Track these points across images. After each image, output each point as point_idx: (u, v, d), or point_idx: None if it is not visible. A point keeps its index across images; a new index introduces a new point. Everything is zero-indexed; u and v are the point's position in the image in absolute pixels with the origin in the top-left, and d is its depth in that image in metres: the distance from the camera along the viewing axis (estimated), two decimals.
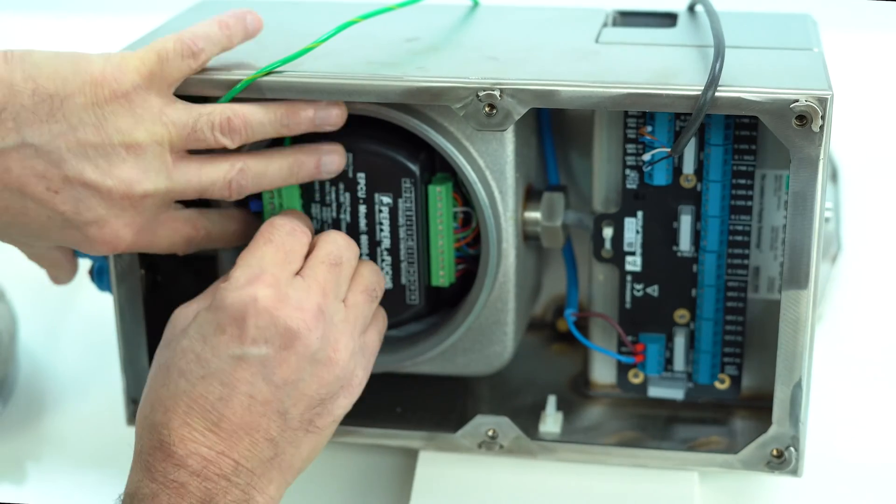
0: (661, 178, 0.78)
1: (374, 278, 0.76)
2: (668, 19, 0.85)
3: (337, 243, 0.74)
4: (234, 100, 0.74)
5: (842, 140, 1.11)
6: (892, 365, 0.93)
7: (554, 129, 0.85)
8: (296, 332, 0.70)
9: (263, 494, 0.69)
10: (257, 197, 0.79)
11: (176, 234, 0.76)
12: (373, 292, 0.76)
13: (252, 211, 0.80)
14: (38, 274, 0.80)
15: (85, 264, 0.85)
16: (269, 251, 0.73)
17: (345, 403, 0.73)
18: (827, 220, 0.78)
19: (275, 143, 0.77)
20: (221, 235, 0.79)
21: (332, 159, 0.76)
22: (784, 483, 0.82)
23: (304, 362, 0.70)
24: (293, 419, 0.70)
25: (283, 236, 0.73)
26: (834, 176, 1.08)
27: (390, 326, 0.81)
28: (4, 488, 0.86)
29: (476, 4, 0.88)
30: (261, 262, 0.72)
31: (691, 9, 0.85)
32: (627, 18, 0.86)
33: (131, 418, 0.83)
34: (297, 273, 0.73)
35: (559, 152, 0.86)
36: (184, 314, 0.73)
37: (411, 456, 0.83)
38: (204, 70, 0.74)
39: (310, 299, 0.71)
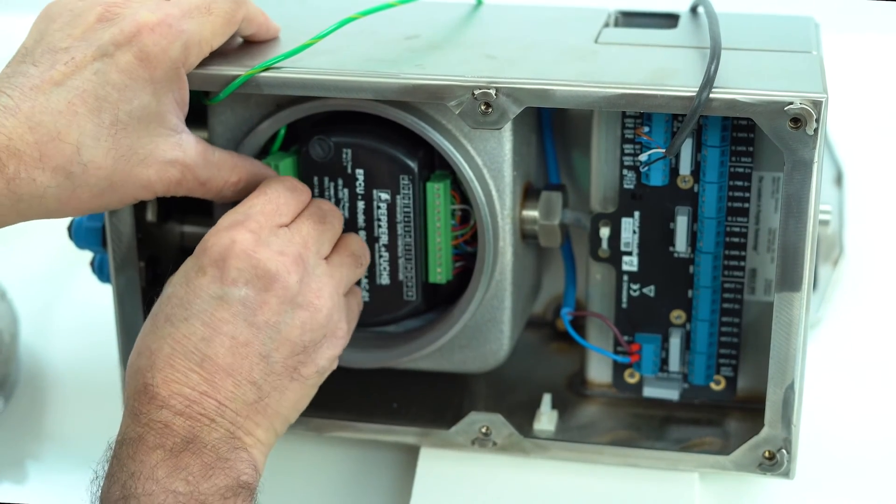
0: (657, 178, 0.78)
1: (360, 247, 0.78)
2: (670, 20, 0.85)
3: (323, 207, 0.77)
4: (233, 95, 0.74)
5: (846, 143, 1.10)
6: (892, 369, 0.93)
7: (555, 128, 0.86)
8: (274, 274, 0.71)
9: (249, 436, 0.70)
10: None
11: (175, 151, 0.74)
12: (358, 259, 0.77)
13: None
14: (38, 274, 0.80)
15: (85, 257, 0.86)
16: (260, 201, 0.74)
17: (329, 354, 0.74)
18: (828, 223, 0.78)
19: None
20: (216, 181, 0.76)
21: None
22: (782, 485, 0.82)
23: (284, 305, 0.71)
24: (276, 363, 0.71)
25: (279, 190, 0.75)
26: (838, 179, 1.07)
27: (387, 322, 0.81)
28: (4, 488, 0.86)
29: (479, 3, 0.88)
30: (248, 210, 0.73)
31: (693, 10, 0.85)
32: (629, 19, 0.86)
33: None
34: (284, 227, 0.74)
35: (560, 151, 0.86)
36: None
37: (413, 452, 0.84)
38: (202, 65, 0.74)
39: (291, 247, 0.73)
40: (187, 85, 0.73)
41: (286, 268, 0.71)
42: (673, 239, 0.79)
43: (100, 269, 0.83)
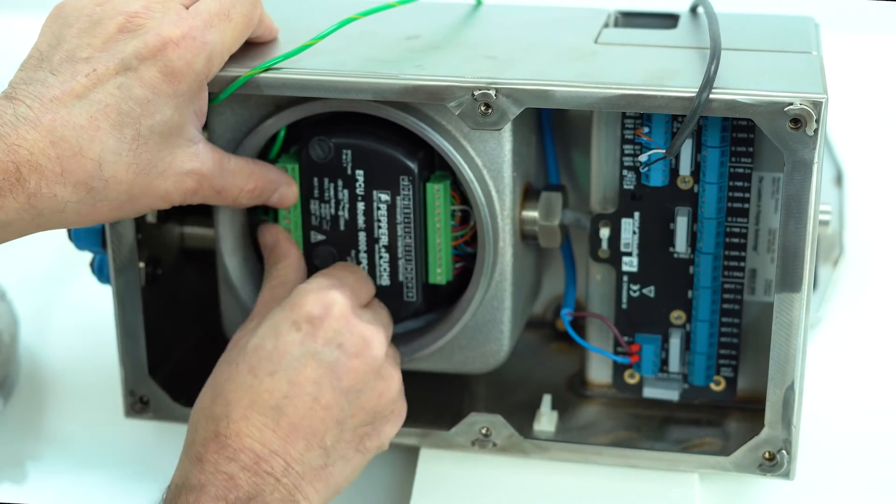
0: (657, 179, 0.78)
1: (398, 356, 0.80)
2: (670, 20, 0.85)
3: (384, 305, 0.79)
4: (233, 96, 0.74)
5: (846, 143, 1.10)
6: (892, 369, 0.93)
7: (555, 129, 0.86)
8: (368, 341, 0.72)
9: (306, 500, 0.69)
10: None
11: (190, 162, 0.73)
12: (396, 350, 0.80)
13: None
14: (38, 275, 0.80)
15: (85, 258, 0.86)
16: (350, 276, 0.77)
17: (390, 431, 0.75)
18: (828, 223, 0.78)
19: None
20: (231, 189, 0.76)
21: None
22: (782, 486, 0.82)
23: (369, 374, 0.72)
24: (348, 431, 0.72)
25: (361, 275, 0.78)
26: (839, 179, 1.07)
27: None
28: (4, 488, 0.86)
29: (479, 3, 0.88)
30: (341, 279, 0.75)
31: (693, 10, 0.85)
32: (629, 19, 0.86)
33: (129, 410, 0.84)
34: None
35: (560, 152, 0.86)
36: (247, 326, 0.75)
37: (413, 453, 0.84)
38: None
39: (378, 321, 0.74)
40: (207, 96, 0.73)
41: (378, 338, 0.73)
42: (673, 239, 0.79)
43: (99, 270, 0.83)
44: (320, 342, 0.71)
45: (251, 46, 0.78)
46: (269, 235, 0.80)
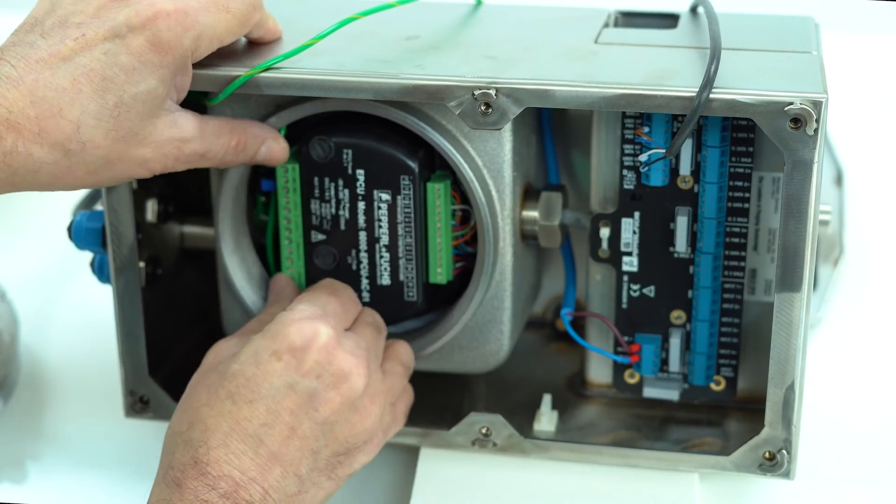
0: (657, 178, 0.78)
1: (409, 355, 0.80)
2: (670, 20, 0.85)
3: (375, 315, 0.80)
4: (233, 96, 0.74)
5: (846, 143, 1.10)
6: (892, 369, 0.93)
7: (555, 129, 0.86)
8: (347, 374, 0.72)
9: None
10: (270, 177, 0.80)
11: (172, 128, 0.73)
12: (407, 368, 0.80)
13: (264, 190, 0.82)
14: (38, 274, 0.80)
15: (85, 258, 0.86)
16: (333, 301, 0.77)
17: (363, 460, 0.75)
18: (828, 223, 0.78)
19: None
20: (215, 148, 0.75)
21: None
22: (782, 485, 0.82)
23: (346, 406, 0.72)
24: (322, 460, 0.72)
25: (346, 296, 0.78)
26: (839, 179, 1.07)
27: (388, 322, 0.81)
28: (4, 488, 0.86)
29: (479, 3, 0.88)
30: (325, 307, 0.75)
31: (693, 10, 0.85)
32: (629, 19, 0.86)
33: (129, 410, 0.84)
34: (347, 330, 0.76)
35: (560, 152, 0.86)
36: (225, 345, 0.75)
37: (413, 453, 0.84)
38: (202, 66, 0.74)
39: (360, 350, 0.74)
40: (191, 74, 0.73)
41: (357, 370, 0.73)
42: (673, 239, 0.79)
43: (100, 270, 0.83)
44: (301, 373, 0.71)
45: (251, 46, 0.78)
46: (279, 283, 0.81)
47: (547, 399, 0.83)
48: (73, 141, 0.68)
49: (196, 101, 0.79)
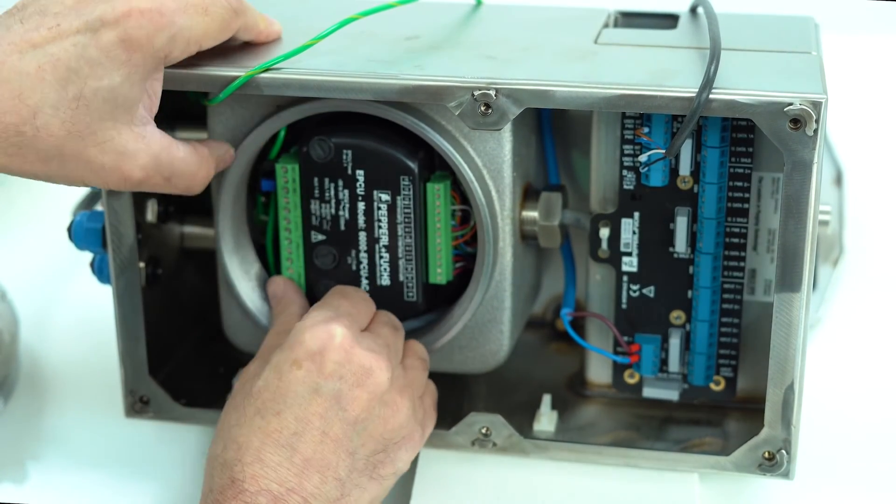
0: (657, 179, 0.78)
1: (424, 352, 0.80)
2: (670, 20, 0.85)
3: (390, 315, 0.80)
4: (233, 96, 0.74)
5: (846, 143, 1.10)
6: (892, 369, 0.93)
7: (555, 129, 0.86)
8: (369, 370, 0.72)
9: None
10: (270, 177, 0.80)
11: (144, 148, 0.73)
12: (425, 362, 0.79)
13: (264, 190, 0.82)
14: (38, 274, 0.80)
15: (85, 258, 0.86)
16: (345, 304, 0.77)
17: (406, 457, 0.75)
18: (828, 223, 0.78)
19: None
20: (182, 177, 0.75)
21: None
22: (782, 485, 0.82)
23: (374, 402, 0.72)
24: (360, 460, 0.72)
25: (358, 298, 0.78)
26: (838, 179, 1.07)
27: None
28: (4, 488, 0.86)
29: (479, 3, 0.88)
30: (337, 309, 0.75)
31: (693, 10, 0.85)
32: (628, 19, 0.86)
33: (129, 410, 0.84)
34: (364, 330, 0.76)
35: (560, 152, 0.86)
36: (249, 368, 0.75)
37: None
38: (202, 66, 0.74)
39: (378, 347, 0.74)
40: (162, 78, 0.72)
41: (379, 364, 0.73)
42: (673, 239, 0.79)
43: (100, 270, 0.83)
44: (322, 376, 0.71)
45: (251, 46, 0.78)
46: (277, 287, 0.81)
47: (547, 399, 0.83)
48: (27, 125, 0.68)
49: (196, 102, 0.79)
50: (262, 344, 0.77)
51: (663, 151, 0.76)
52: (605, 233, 0.80)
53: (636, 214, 0.79)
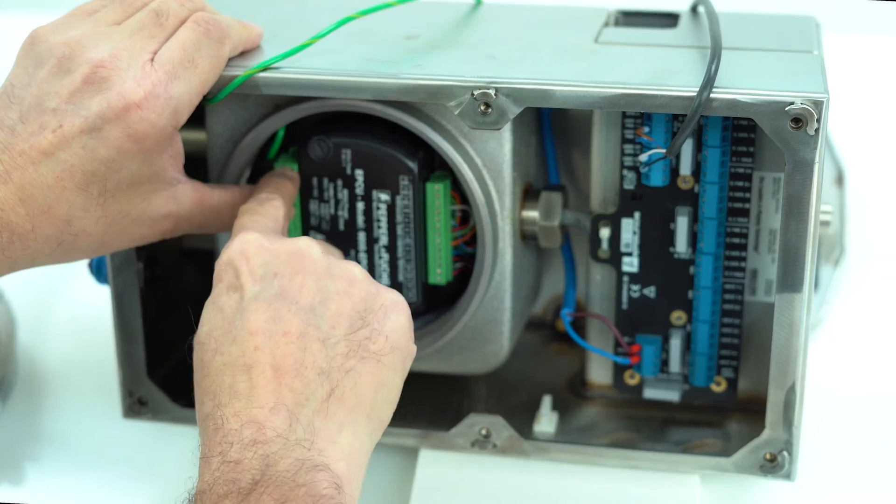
0: (657, 178, 0.77)
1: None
2: (670, 20, 0.84)
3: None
4: (231, 95, 0.74)
5: (847, 143, 1.10)
6: (893, 369, 0.93)
7: (555, 129, 0.85)
8: (298, 253, 0.68)
9: (333, 445, 0.63)
10: None
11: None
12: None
13: None
14: (36, 275, 0.80)
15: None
16: (244, 217, 0.73)
17: (395, 325, 0.68)
18: (829, 223, 0.78)
19: None
20: (214, 224, 0.76)
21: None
22: (783, 487, 0.82)
23: (322, 279, 0.67)
24: (338, 343, 0.66)
25: (269, 201, 0.74)
26: (840, 179, 1.07)
27: None
28: (3, 488, 0.86)
29: (479, 2, 0.88)
30: (241, 223, 0.72)
31: (693, 10, 0.85)
32: (629, 18, 0.86)
33: (128, 411, 0.83)
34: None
35: (560, 152, 0.86)
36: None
37: (412, 454, 0.83)
38: None
39: (301, 238, 0.70)
40: (180, 140, 0.73)
41: (307, 244, 0.69)
42: (673, 240, 0.79)
43: (98, 271, 0.83)
44: (257, 283, 0.67)
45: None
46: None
47: (547, 400, 0.82)
48: (65, 234, 0.70)
49: None
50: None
51: (664, 151, 0.76)
52: (605, 233, 0.80)
53: (637, 214, 0.79)
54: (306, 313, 0.66)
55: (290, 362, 0.64)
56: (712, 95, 0.69)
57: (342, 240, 0.80)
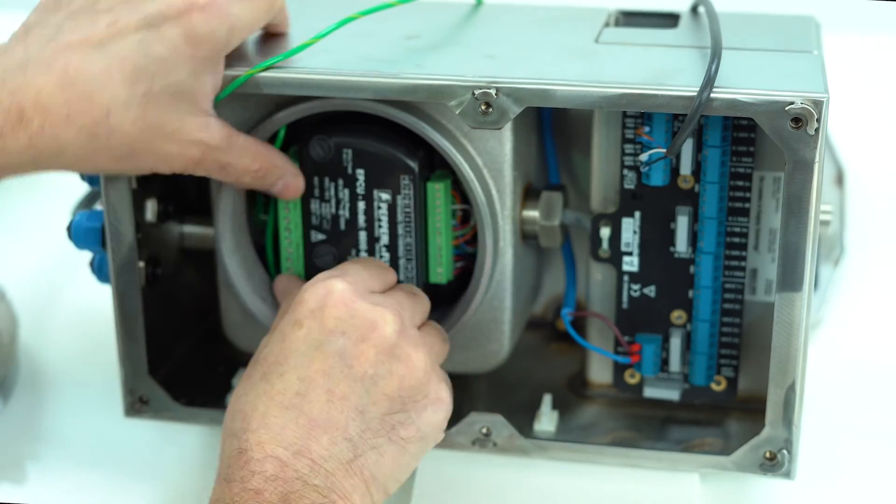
0: (658, 178, 0.78)
1: (443, 330, 0.78)
2: (670, 20, 0.84)
3: (414, 287, 0.78)
4: (232, 95, 0.74)
5: (847, 143, 1.10)
6: (893, 369, 0.93)
7: (556, 128, 0.86)
8: (373, 323, 0.70)
9: (345, 500, 0.67)
10: None
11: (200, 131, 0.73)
12: (444, 337, 0.77)
13: None
14: (38, 274, 0.80)
15: (85, 257, 0.85)
16: (356, 266, 0.75)
17: (432, 420, 0.72)
18: (829, 223, 0.78)
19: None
20: (236, 166, 0.75)
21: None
22: (783, 485, 0.82)
23: (381, 356, 0.70)
24: (373, 419, 0.69)
25: (373, 264, 0.76)
26: (840, 179, 1.07)
27: None
28: (4, 488, 0.86)
29: (479, 3, 0.88)
30: (344, 268, 0.74)
31: (694, 10, 0.85)
32: (629, 18, 0.86)
33: (129, 410, 0.83)
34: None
35: (561, 151, 0.86)
36: (260, 346, 0.74)
37: None
38: None
39: (387, 304, 0.72)
40: (223, 68, 0.73)
41: (384, 318, 0.70)
42: (673, 239, 0.79)
43: (99, 270, 0.83)
44: (324, 333, 0.69)
45: (249, 45, 0.78)
46: (281, 282, 0.81)
47: (547, 399, 0.82)
48: (100, 125, 0.68)
49: None
50: (274, 322, 0.76)
51: (664, 151, 0.76)
52: (605, 232, 0.80)
53: (637, 214, 0.79)
54: (355, 381, 0.69)
55: (325, 420, 0.67)
56: (712, 95, 0.69)
57: (343, 239, 0.80)
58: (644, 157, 0.77)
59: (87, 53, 0.68)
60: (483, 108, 0.72)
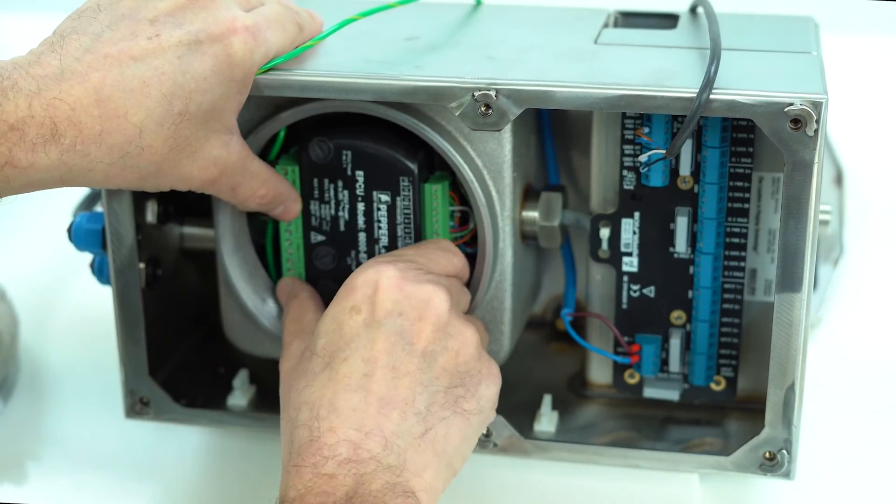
0: (657, 179, 0.78)
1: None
2: (670, 20, 0.85)
3: (463, 282, 0.78)
4: None
5: (846, 143, 1.10)
6: (892, 369, 0.93)
7: (555, 129, 0.86)
8: (427, 301, 0.71)
9: (418, 478, 0.67)
10: None
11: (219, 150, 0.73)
12: (486, 329, 0.79)
13: None
14: (38, 275, 0.80)
15: (85, 258, 0.86)
16: (409, 251, 0.76)
17: (488, 393, 0.72)
18: (828, 223, 0.78)
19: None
20: (245, 189, 0.76)
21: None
22: (782, 485, 0.82)
23: (439, 332, 0.71)
24: (438, 393, 0.70)
25: (432, 247, 0.77)
26: (839, 179, 1.07)
27: None
28: (4, 488, 0.86)
29: (479, 3, 0.88)
30: (397, 254, 0.75)
31: (693, 10, 0.85)
32: (628, 19, 0.86)
33: (129, 411, 0.83)
34: None
35: (560, 152, 0.86)
36: (289, 351, 0.74)
37: None
38: None
39: (437, 283, 0.72)
40: (248, 92, 0.73)
41: (438, 295, 0.71)
42: (673, 240, 0.79)
43: (99, 271, 0.83)
44: (382, 315, 0.70)
45: None
46: (284, 285, 0.81)
47: (547, 399, 0.83)
48: (132, 144, 0.67)
49: None
50: (283, 331, 0.77)
51: (663, 151, 0.76)
52: (605, 233, 0.80)
53: (636, 214, 0.79)
54: (418, 357, 0.70)
55: (393, 396, 0.68)
56: (712, 96, 0.70)
57: (342, 240, 0.80)
58: (643, 157, 0.77)
59: (125, 67, 0.66)
60: (483, 109, 0.72)
